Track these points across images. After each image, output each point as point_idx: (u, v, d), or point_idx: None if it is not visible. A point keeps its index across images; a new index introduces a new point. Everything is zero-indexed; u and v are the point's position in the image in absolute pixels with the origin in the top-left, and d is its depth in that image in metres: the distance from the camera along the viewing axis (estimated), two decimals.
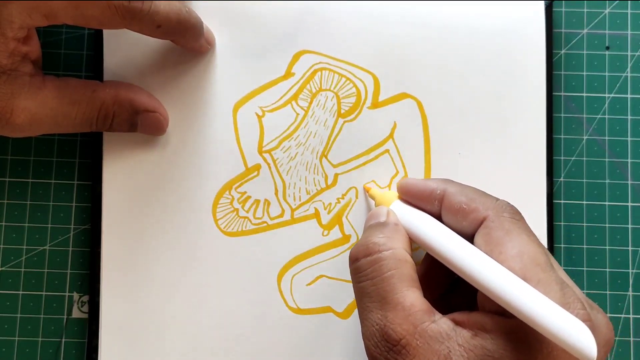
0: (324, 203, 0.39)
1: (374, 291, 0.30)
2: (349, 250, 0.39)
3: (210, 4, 0.40)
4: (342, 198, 0.39)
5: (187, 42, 0.37)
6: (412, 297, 0.30)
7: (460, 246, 0.30)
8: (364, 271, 0.31)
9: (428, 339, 0.29)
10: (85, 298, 0.40)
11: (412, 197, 0.35)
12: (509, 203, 0.32)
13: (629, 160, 0.41)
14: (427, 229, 0.32)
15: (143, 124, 0.38)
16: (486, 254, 0.30)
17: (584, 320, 0.27)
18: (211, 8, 0.40)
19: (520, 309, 0.27)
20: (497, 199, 0.32)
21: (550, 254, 0.31)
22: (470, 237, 0.32)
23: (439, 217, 0.33)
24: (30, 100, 0.34)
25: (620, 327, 0.40)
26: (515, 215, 0.31)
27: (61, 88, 0.35)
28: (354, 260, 0.32)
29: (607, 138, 0.41)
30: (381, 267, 0.31)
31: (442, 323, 0.29)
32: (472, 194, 0.32)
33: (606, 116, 0.41)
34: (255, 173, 0.39)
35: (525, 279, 0.28)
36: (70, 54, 0.41)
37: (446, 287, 0.35)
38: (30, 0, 0.32)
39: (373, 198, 0.38)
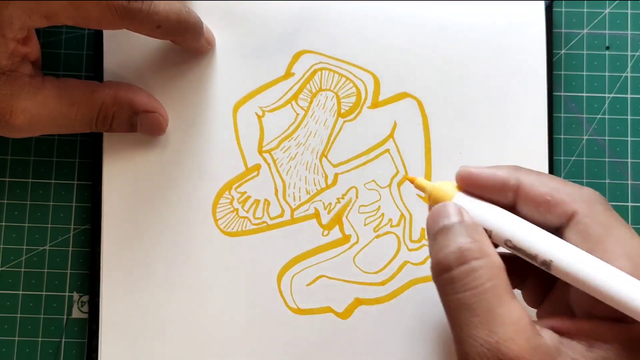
0: (324, 203, 0.39)
1: (476, 303, 0.27)
2: (349, 250, 0.39)
3: (210, 4, 0.40)
4: (342, 198, 0.39)
5: (187, 42, 0.37)
6: (517, 309, 0.26)
7: (563, 248, 0.27)
8: (461, 281, 0.27)
9: (543, 355, 0.26)
10: (85, 298, 0.40)
11: (477, 188, 0.30)
12: (595, 191, 0.29)
13: (629, 160, 0.41)
14: (514, 228, 0.29)
15: (143, 125, 0.38)
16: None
17: None
18: (211, 8, 0.40)
19: None
20: (582, 187, 0.29)
21: None
22: (554, 232, 0.29)
23: (511, 210, 0.30)
24: (29, 101, 0.34)
25: None
26: (608, 206, 0.29)
27: (61, 89, 0.35)
28: (445, 269, 0.28)
29: (607, 138, 0.41)
30: (481, 276, 0.27)
31: (548, 336, 0.26)
32: (554, 183, 0.29)
33: (606, 116, 0.41)
34: (255, 173, 0.39)
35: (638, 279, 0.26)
36: (70, 54, 0.41)
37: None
38: (30, 1, 0.32)
39: (422, 190, 0.32)
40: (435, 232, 0.29)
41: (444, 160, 0.39)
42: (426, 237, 0.30)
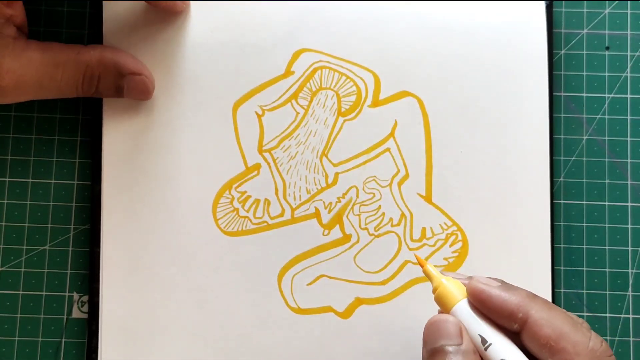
0: (324, 202, 0.39)
1: None
2: (350, 250, 0.39)
3: (210, 3, 0.40)
4: (343, 197, 0.39)
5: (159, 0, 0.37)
6: None
7: None
8: None
9: None
10: (85, 298, 0.40)
11: (486, 310, 0.30)
12: (602, 343, 0.29)
13: (629, 160, 0.41)
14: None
15: (129, 88, 0.37)
16: None
17: None
18: (211, 7, 0.40)
19: None
20: (590, 337, 0.29)
21: None
22: None
23: (513, 334, 0.30)
24: (14, 62, 0.34)
25: (620, 327, 0.40)
26: None
27: (45, 50, 0.35)
28: None
29: (607, 138, 0.41)
30: None
31: None
32: (560, 326, 0.29)
33: (606, 116, 0.41)
34: (255, 172, 0.39)
35: None
36: None
37: None
38: None
39: (429, 279, 0.32)
40: (433, 350, 0.30)
41: (444, 159, 0.39)
42: (422, 346, 0.31)
